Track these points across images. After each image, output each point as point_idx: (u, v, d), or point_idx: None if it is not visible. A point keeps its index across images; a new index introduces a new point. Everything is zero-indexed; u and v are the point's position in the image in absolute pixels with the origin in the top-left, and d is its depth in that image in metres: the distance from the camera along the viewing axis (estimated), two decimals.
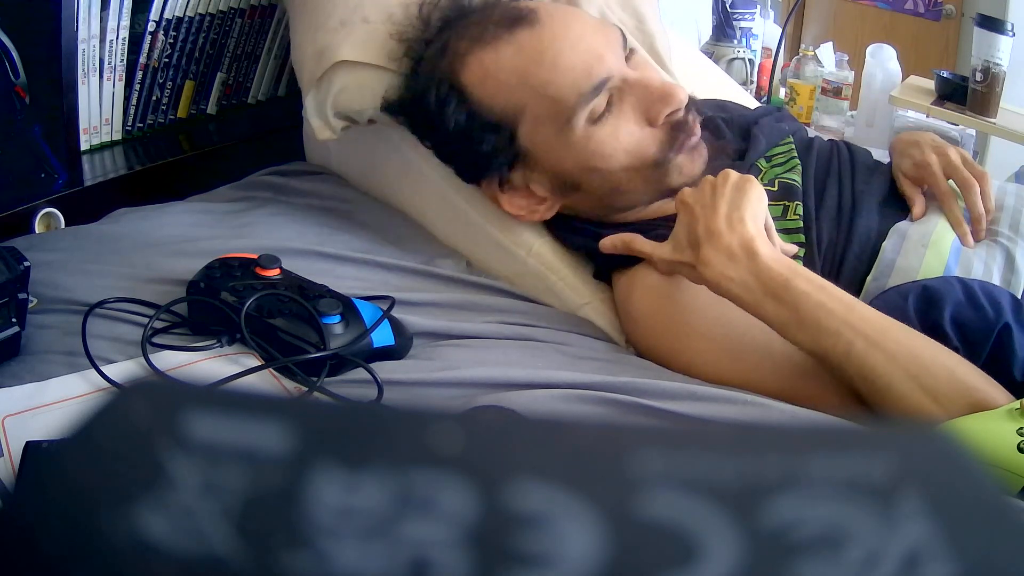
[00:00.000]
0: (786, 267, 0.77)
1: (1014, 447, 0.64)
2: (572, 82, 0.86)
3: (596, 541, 0.19)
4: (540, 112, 0.88)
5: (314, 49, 1.02)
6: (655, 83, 0.88)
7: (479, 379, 0.78)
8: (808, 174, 0.97)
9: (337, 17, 1.02)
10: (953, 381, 0.74)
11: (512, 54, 0.88)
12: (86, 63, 1.11)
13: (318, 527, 0.19)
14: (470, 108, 0.90)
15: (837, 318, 0.75)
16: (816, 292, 0.76)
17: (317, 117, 1.03)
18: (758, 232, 0.79)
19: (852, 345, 0.75)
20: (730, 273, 0.77)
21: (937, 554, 0.19)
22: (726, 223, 0.78)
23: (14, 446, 0.65)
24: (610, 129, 0.88)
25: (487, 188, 0.96)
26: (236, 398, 0.22)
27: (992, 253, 0.88)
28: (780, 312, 0.77)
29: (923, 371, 0.74)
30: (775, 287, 0.76)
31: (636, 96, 0.88)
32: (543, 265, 0.98)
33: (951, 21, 2.00)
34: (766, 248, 0.78)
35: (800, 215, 0.92)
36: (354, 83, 1.00)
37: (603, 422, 0.23)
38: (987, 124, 1.47)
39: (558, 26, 0.89)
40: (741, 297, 0.78)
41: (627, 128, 0.88)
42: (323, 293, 0.82)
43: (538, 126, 0.89)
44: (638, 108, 0.88)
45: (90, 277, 0.88)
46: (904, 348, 0.75)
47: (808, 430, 0.22)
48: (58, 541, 0.19)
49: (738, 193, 0.80)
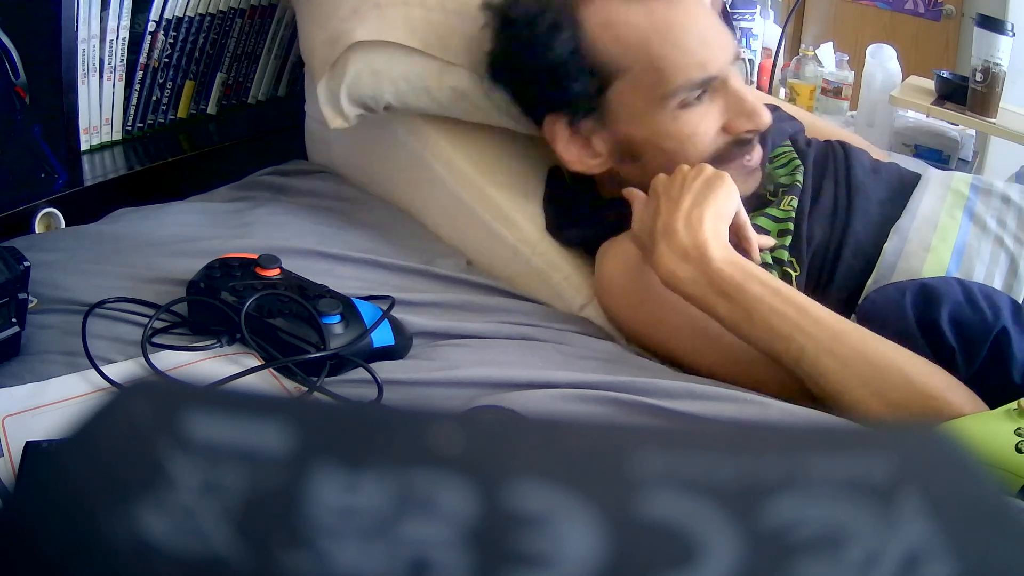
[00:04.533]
0: (739, 270, 0.78)
1: (1012, 447, 0.64)
2: (685, 66, 0.88)
3: (596, 541, 0.19)
4: (642, 79, 0.89)
5: (326, 36, 1.01)
6: (749, 99, 0.91)
7: (479, 379, 0.78)
8: (807, 173, 0.98)
9: (349, 5, 1.01)
10: (908, 387, 0.74)
11: (641, 16, 0.89)
12: (86, 63, 1.11)
13: (318, 527, 0.19)
14: (579, 45, 0.90)
15: (789, 322, 0.76)
16: (769, 296, 0.77)
17: (330, 105, 1.01)
18: (715, 234, 0.80)
19: (804, 350, 0.76)
20: (681, 273, 0.79)
21: (937, 554, 0.19)
22: (684, 222, 0.80)
23: (14, 446, 0.65)
24: (696, 119, 0.90)
25: (550, 125, 0.95)
26: (236, 398, 0.22)
27: (996, 258, 0.88)
28: (732, 313, 0.78)
29: (876, 377, 0.75)
30: (727, 289, 0.78)
31: (728, 103, 0.90)
32: (547, 263, 0.98)
33: (951, 21, 2.00)
34: (720, 251, 0.79)
35: (793, 207, 0.93)
36: (368, 69, 0.99)
37: (603, 422, 0.23)
38: (987, 124, 1.47)
39: (692, 9, 0.91)
40: (693, 296, 0.79)
41: (707, 124, 0.90)
42: (323, 293, 0.82)
43: (634, 90, 0.90)
44: (724, 114, 0.91)
45: (90, 277, 0.87)
46: (857, 353, 0.76)
47: (808, 430, 0.22)
48: (58, 541, 0.19)
49: (706, 189, 0.82)
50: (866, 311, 0.82)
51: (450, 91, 1.01)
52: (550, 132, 0.96)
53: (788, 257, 0.89)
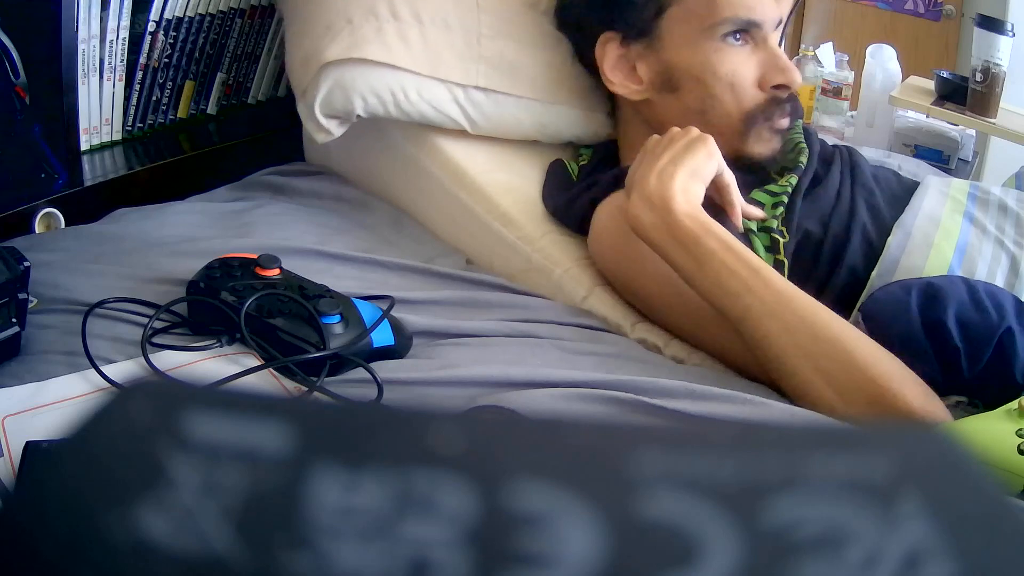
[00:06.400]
0: (699, 224, 0.82)
1: (1014, 448, 0.64)
2: (735, 3, 0.94)
3: (596, 541, 0.19)
4: (695, 8, 0.96)
5: (302, 55, 1.04)
6: (784, 57, 0.97)
7: (479, 378, 0.78)
8: (811, 157, 1.00)
9: (323, 22, 1.03)
10: (851, 367, 0.74)
11: None
12: (86, 63, 1.11)
13: (318, 527, 0.19)
14: None
15: (739, 279, 0.79)
16: (722, 251, 0.80)
17: (310, 122, 1.04)
18: (684, 189, 0.83)
19: (749, 308, 0.78)
20: (644, 219, 0.83)
21: (937, 554, 0.19)
22: (656, 175, 0.84)
23: (14, 446, 0.65)
24: (737, 58, 0.96)
25: (602, 44, 1.02)
26: (236, 398, 0.22)
27: (997, 256, 0.88)
28: (687, 264, 0.81)
29: (818, 350, 0.76)
30: (685, 240, 0.81)
31: (764, 58, 0.96)
32: (547, 259, 0.99)
33: (951, 21, 2.00)
34: (684, 205, 0.82)
35: (791, 184, 0.95)
36: (338, 84, 1.01)
37: (603, 422, 0.23)
38: (987, 124, 1.47)
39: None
40: (653, 242, 0.83)
41: (746, 70, 0.96)
42: (323, 293, 0.82)
43: (686, 16, 0.96)
44: (760, 68, 0.96)
45: (90, 277, 0.87)
46: (804, 324, 0.77)
47: (808, 430, 0.22)
48: (58, 541, 0.19)
49: (685, 150, 0.85)
50: (870, 310, 0.82)
51: (420, 101, 1.03)
52: (601, 52, 1.02)
53: (778, 226, 0.91)
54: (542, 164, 1.10)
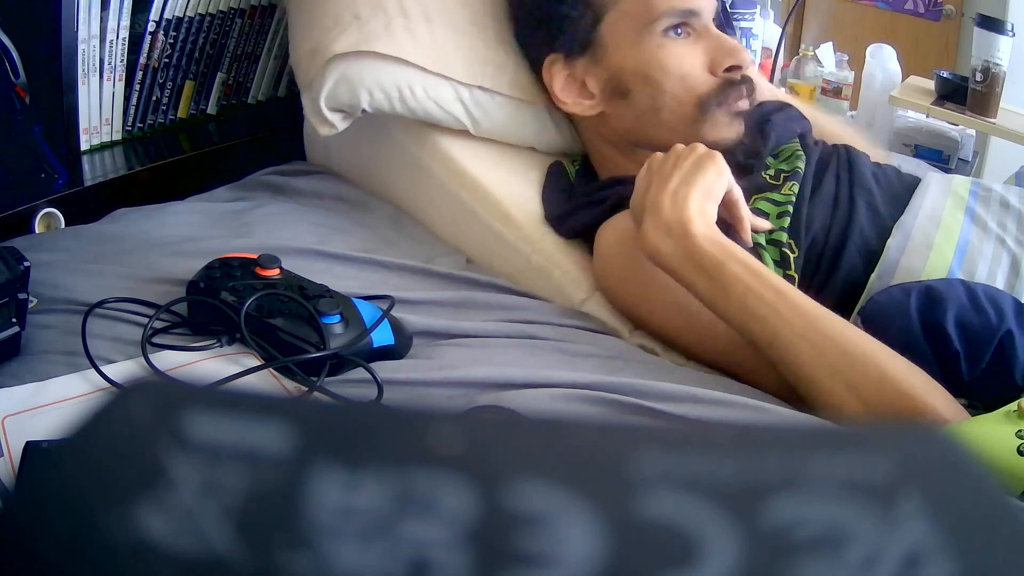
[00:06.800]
0: (720, 248, 0.80)
1: (1014, 450, 0.64)
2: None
3: (596, 541, 0.19)
4: (631, 9, 0.97)
5: (309, 47, 1.04)
6: (729, 39, 0.98)
7: (479, 379, 0.78)
8: (809, 163, 0.99)
9: (331, 15, 1.03)
10: (883, 383, 0.74)
11: None
12: (86, 63, 1.10)
13: (318, 527, 0.19)
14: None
15: (766, 304, 0.77)
16: (747, 276, 0.78)
17: (314, 115, 1.04)
18: (700, 211, 0.81)
19: (777, 333, 0.77)
20: (663, 247, 0.81)
21: (937, 554, 0.19)
22: (670, 199, 0.82)
23: (14, 446, 0.65)
24: (681, 50, 0.96)
25: (548, 67, 1.02)
26: (236, 398, 0.22)
27: (998, 256, 0.88)
28: (711, 290, 0.79)
29: (849, 367, 0.75)
30: (707, 266, 0.79)
31: (709, 45, 0.97)
32: (547, 260, 0.99)
33: (951, 21, 2.00)
34: (703, 229, 0.80)
35: (794, 192, 0.93)
36: (345, 78, 1.01)
37: (603, 422, 0.23)
38: (987, 124, 1.47)
39: None
40: (674, 270, 0.81)
41: (692, 60, 0.96)
42: (323, 293, 0.82)
43: (623, 19, 0.97)
44: (707, 55, 0.97)
45: (90, 277, 0.87)
46: (832, 342, 0.76)
47: (808, 430, 0.22)
48: (58, 541, 0.19)
49: (695, 168, 0.83)
50: (870, 313, 0.82)
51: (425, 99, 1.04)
52: (548, 75, 1.02)
53: (787, 239, 0.89)
54: (543, 165, 1.10)
